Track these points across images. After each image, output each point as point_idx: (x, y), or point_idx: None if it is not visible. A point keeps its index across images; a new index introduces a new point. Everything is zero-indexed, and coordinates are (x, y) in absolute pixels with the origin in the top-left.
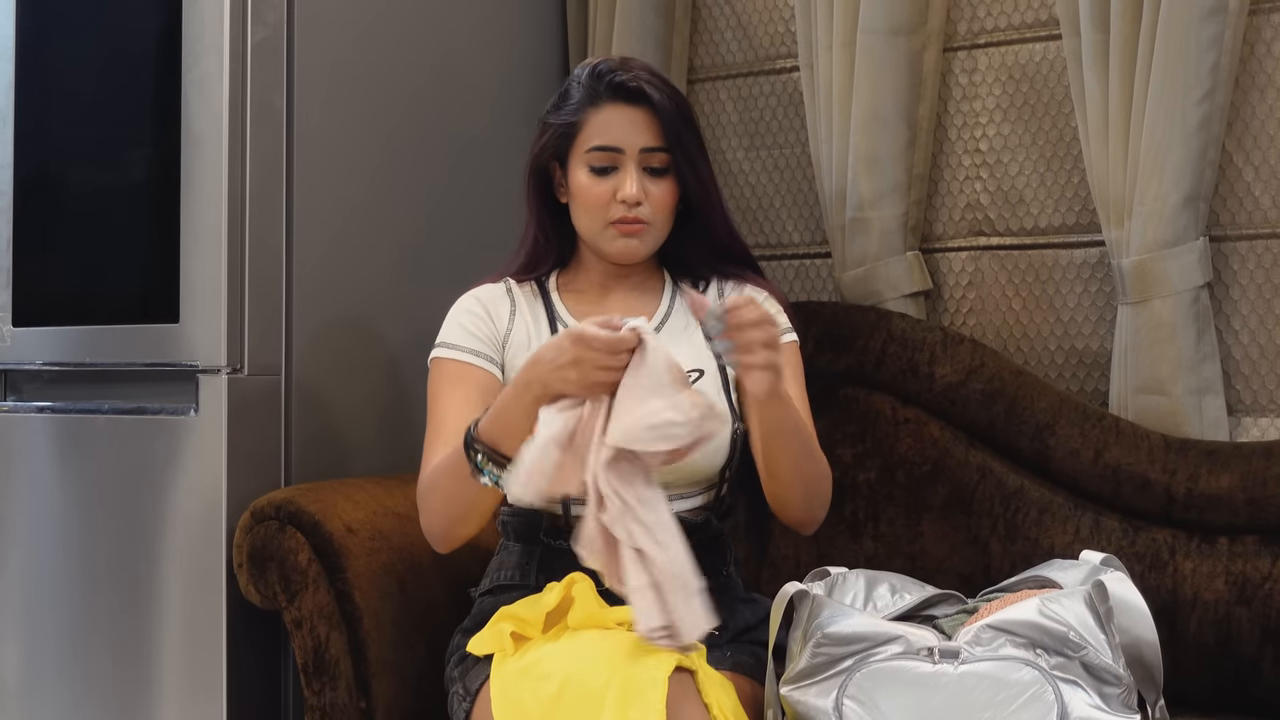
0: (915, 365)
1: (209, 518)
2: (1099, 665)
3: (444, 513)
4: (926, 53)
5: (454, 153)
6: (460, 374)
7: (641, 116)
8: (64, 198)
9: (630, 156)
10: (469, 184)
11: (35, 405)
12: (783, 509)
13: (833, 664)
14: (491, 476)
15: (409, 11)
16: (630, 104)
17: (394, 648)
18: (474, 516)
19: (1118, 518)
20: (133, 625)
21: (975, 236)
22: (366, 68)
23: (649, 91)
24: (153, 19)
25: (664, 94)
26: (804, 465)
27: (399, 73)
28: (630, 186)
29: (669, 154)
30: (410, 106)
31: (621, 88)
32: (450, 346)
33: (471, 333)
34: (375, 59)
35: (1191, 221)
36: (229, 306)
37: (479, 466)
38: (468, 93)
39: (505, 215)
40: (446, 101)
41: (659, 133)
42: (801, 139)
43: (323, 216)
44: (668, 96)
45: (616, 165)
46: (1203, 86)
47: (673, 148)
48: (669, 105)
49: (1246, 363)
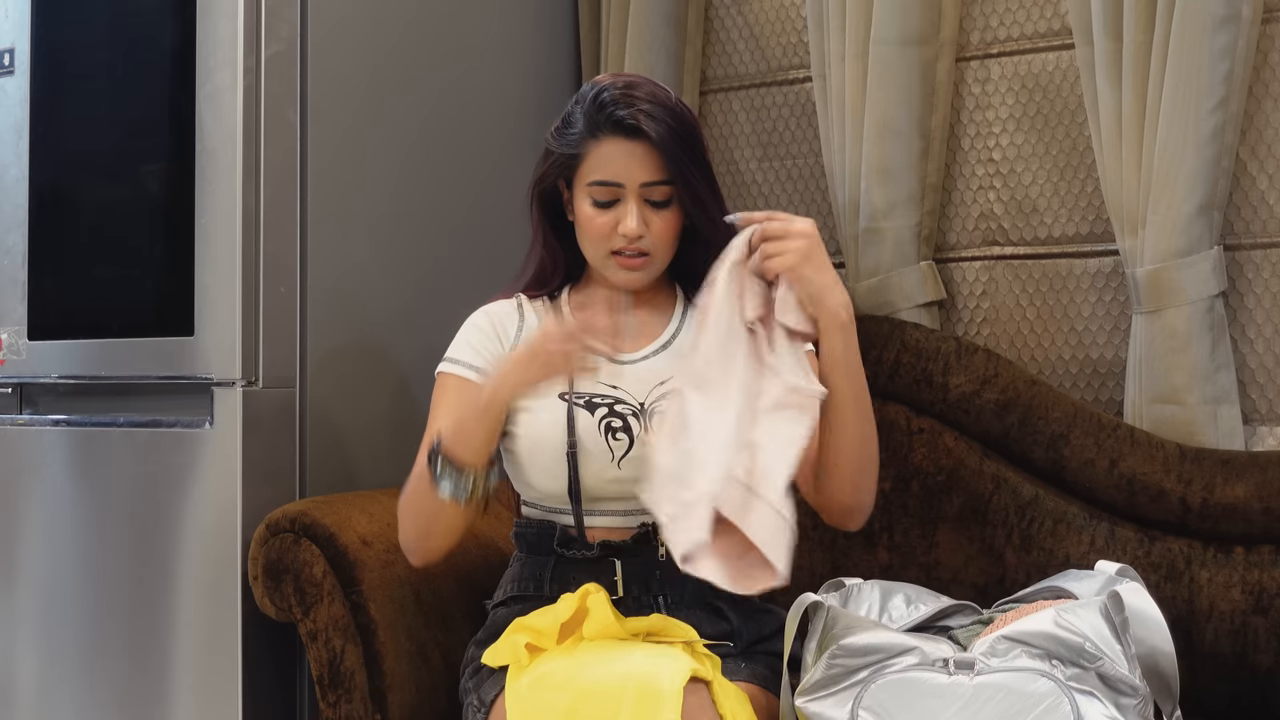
0: (929, 375)
1: (224, 530)
2: (1115, 676)
3: (413, 526)
4: (939, 63)
5: (468, 165)
6: (459, 388)
7: (641, 150)
8: (79, 211)
9: (631, 191)
10: (482, 197)
11: (51, 419)
12: (827, 486)
13: (848, 675)
14: (453, 488)
15: (423, 27)
16: (630, 138)
17: (409, 660)
18: (438, 531)
19: (1133, 528)
20: (148, 637)
21: (989, 246)
22: (380, 82)
23: (647, 126)
24: (167, 33)
25: (664, 125)
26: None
27: (413, 87)
28: (630, 221)
29: (670, 186)
30: (423, 121)
31: (620, 123)
32: (454, 361)
33: (476, 349)
34: (389, 74)
35: (1205, 230)
36: (243, 319)
37: (437, 475)
38: (481, 107)
39: (519, 230)
40: (460, 115)
41: (659, 166)
42: (814, 149)
43: (336, 230)
44: (668, 127)
45: (618, 198)
46: (1216, 95)
47: (674, 180)
48: (669, 137)
49: (1261, 371)
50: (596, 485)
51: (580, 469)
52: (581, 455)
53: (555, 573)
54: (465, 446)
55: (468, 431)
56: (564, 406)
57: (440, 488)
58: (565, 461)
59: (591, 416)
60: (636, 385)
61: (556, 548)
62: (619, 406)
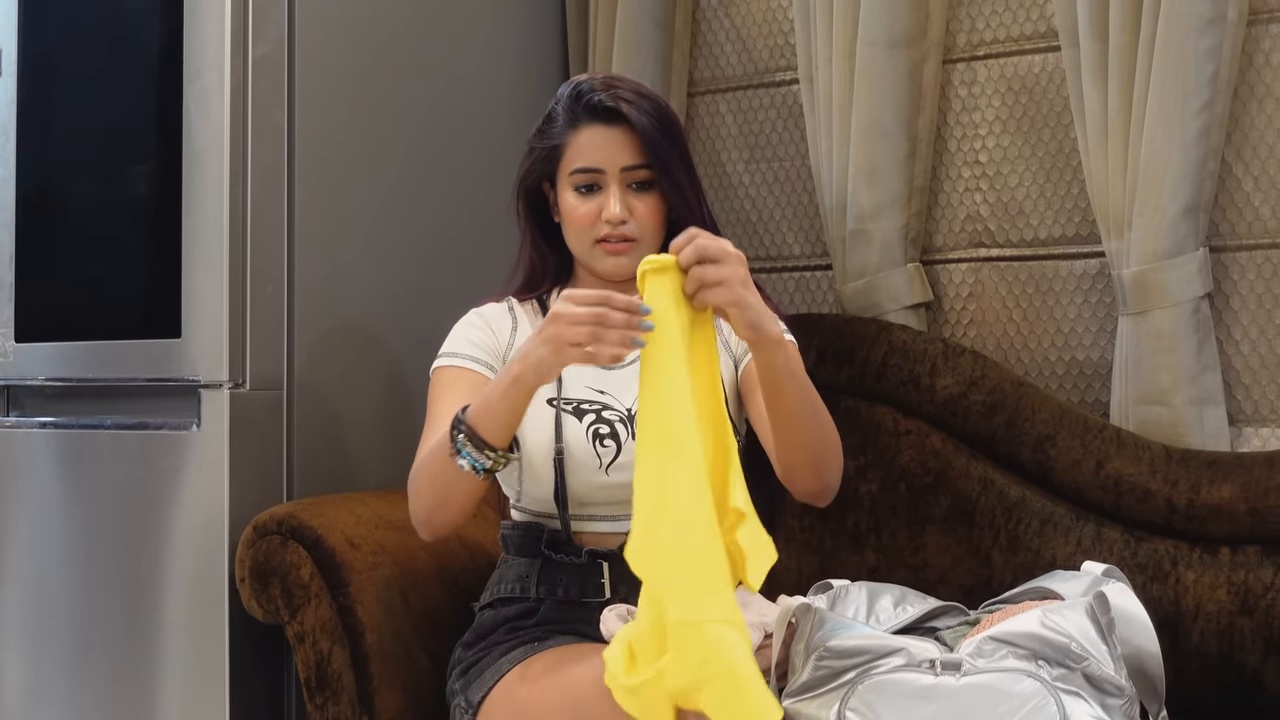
0: (916, 377)
1: (211, 532)
2: (1101, 676)
3: (428, 495)
4: (926, 65)
5: (454, 167)
6: (459, 378)
7: (621, 135)
8: (66, 213)
9: (612, 176)
10: (470, 198)
11: (38, 420)
12: (792, 475)
13: (835, 676)
14: (469, 459)
15: (409, 28)
16: (609, 124)
17: (396, 662)
18: (453, 502)
19: (1119, 529)
20: (136, 639)
21: (975, 248)
22: (368, 83)
23: (625, 110)
24: (154, 34)
25: (643, 110)
26: (809, 418)
27: (401, 89)
28: (614, 205)
29: (650, 170)
30: (411, 122)
31: (599, 108)
32: (451, 355)
33: (473, 341)
34: (376, 74)
35: (1191, 232)
36: (231, 321)
37: (459, 447)
38: (468, 107)
39: (506, 231)
40: (448, 117)
41: (639, 150)
42: (801, 151)
43: (324, 231)
44: (647, 113)
45: (600, 185)
46: (1201, 97)
47: (653, 164)
48: (647, 122)
49: (1247, 373)
50: (584, 491)
51: (568, 475)
52: (569, 462)
53: (542, 575)
54: (488, 424)
55: (492, 408)
56: (552, 413)
57: (460, 460)
58: (553, 468)
59: (579, 423)
60: (624, 391)
61: (544, 549)
62: (606, 413)
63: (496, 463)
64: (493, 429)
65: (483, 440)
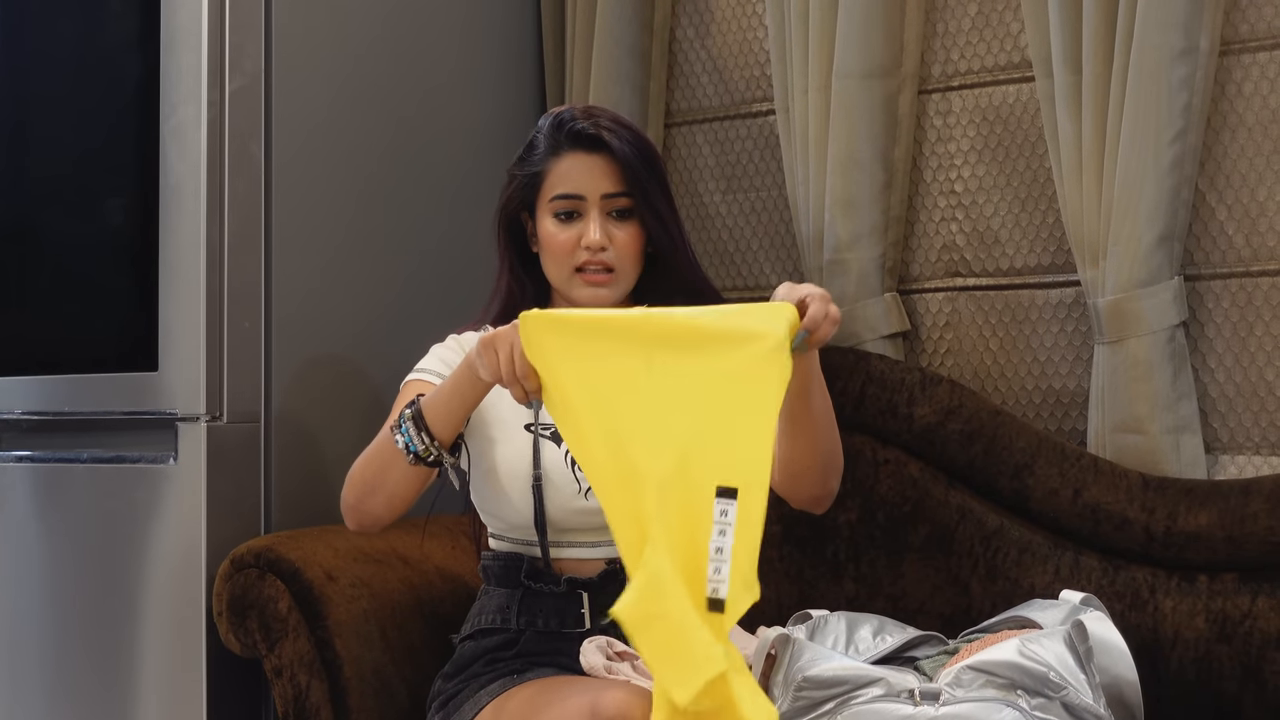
0: (894, 406)
1: (189, 566)
2: (1079, 705)
3: (359, 478)
4: (901, 95)
5: (432, 198)
6: (424, 389)
7: (602, 163)
8: (42, 245)
9: (592, 203)
10: (447, 229)
11: (14, 455)
12: (800, 481)
13: (814, 707)
14: (405, 436)
15: (387, 60)
16: (590, 151)
17: (375, 695)
18: (382, 489)
19: (1097, 556)
20: (113, 673)
21: (952, 277)
22: (345, 115)
23: (607, 138)
24: (131, 67)
25: (624, 140)
26: (826, 422)
27: (377, 120)
28: (594, 232)
29: (630, 198)
30: (388, 153)
31: (581, 135)
32: (421, 370)
33: (445, 361)
34: (353, 107)
35: (1166, 261)
36: (208, 355)
37: (400, 421)
38: (445, 139)
39: (483, 259)
40: (424, 148)
41: (620, 178)
42: (778, 182)
43: (301, 264)
44: (628, 142)
45: (580, 212)
46: (1175, 127)
47: (634, 192)
48: (628, 150)
49: (1223, 400)
50: (562, 516)
51: (546, 500)
52: (547, 487)
53: (523, 605)
54: (435, 409)
55: (443, 397)
56: (530, 438)
57: (397, 435)
58: (531, 494)
59: (558, 448)
60: None
61: (524, 579)
62: None
63: (429, 451)
64: (438, 416)
65: (425, 425)
